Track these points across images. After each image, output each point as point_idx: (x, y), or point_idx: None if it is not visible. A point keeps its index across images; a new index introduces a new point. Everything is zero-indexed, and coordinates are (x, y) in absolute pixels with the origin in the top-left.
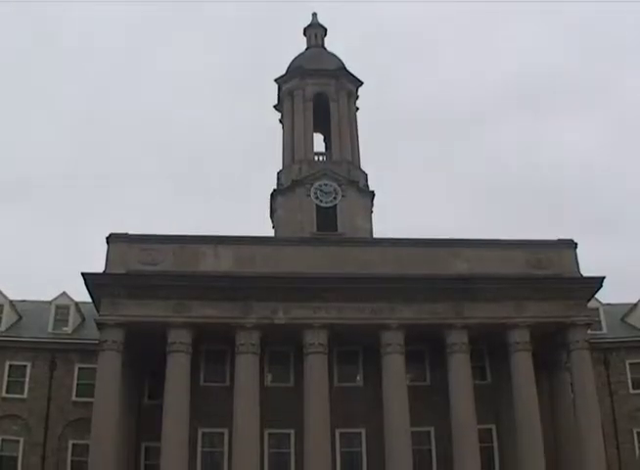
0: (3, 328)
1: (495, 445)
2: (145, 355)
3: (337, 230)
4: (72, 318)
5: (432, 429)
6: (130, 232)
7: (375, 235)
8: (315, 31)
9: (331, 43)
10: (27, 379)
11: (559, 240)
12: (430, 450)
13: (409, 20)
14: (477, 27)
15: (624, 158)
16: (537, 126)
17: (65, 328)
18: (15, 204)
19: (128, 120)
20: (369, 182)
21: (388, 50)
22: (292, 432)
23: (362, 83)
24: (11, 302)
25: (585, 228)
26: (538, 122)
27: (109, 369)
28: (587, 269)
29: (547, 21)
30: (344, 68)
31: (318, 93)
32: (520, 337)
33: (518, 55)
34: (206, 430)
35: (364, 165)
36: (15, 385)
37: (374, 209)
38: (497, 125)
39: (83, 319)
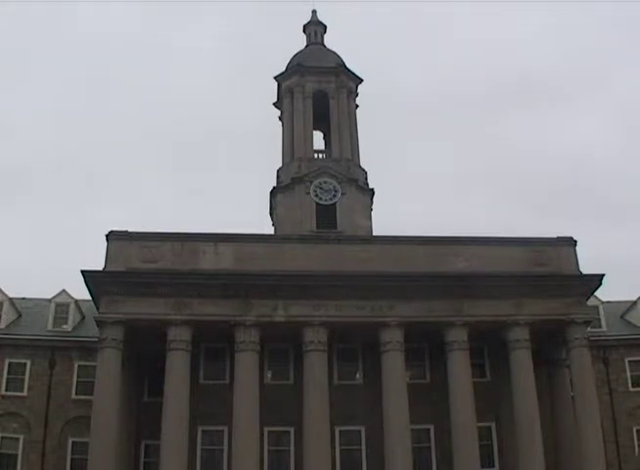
0: (3, 326)
1: (495, 442)
2: (145, 353)
3: (336, 228)
4: (72, 316)
5: (431, 427)
6: (130, 230)
7: (374, 233)
8: (315, 29)
9: (330, 40)
10: (27, 377)
11: (558, 238)
12: (429, 448)
13: (409, 16)
14: (477, 23)
15: (625, 154)
16: (538, 122)
17: (64, 326)
18: (15, 201)
19: (128, 120)
20: (368, 180)
21: (389, 46)
22: (291, 430)
23: (362, 81)
24: (10, 299)
25: (585, 225)
26: (539, 118)
27: (108, 367)
28: (587, 267)
29: (548, 17)
30: (344, 65)
31: (318, 91)
32: (519, 334)
33: (519, 51)
34: (206, 427)
35: (364, 163)
36: (14, 382)
37: (373, 206)
38: (499, 122)
39: (83, 317)
